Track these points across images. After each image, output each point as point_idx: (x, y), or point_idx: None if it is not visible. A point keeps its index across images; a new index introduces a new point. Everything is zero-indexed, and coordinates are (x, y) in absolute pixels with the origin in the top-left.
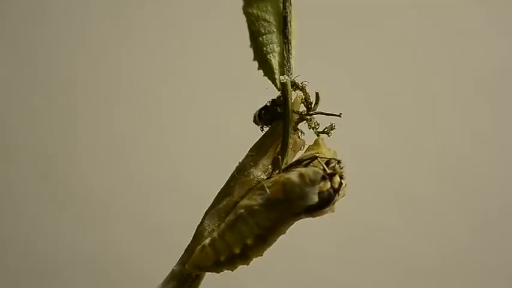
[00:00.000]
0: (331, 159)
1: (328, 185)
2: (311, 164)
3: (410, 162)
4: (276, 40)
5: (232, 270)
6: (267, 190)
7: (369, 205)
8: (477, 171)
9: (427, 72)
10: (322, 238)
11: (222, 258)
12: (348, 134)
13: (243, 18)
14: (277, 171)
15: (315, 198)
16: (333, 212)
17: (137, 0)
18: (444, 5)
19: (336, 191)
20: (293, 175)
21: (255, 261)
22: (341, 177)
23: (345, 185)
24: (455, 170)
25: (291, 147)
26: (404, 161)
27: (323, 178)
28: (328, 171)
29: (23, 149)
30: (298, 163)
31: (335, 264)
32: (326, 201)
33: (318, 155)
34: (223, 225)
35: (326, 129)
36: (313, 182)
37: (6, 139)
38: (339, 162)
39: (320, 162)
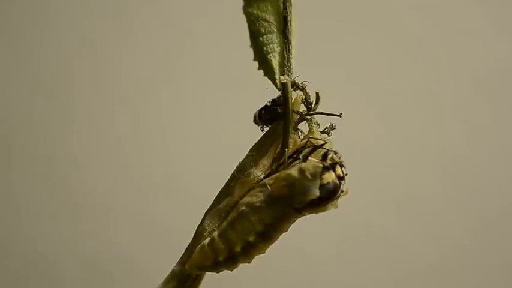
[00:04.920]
0: (328, 151)
1: (333, 175)
2: (310, 156)
3: (410, 162)
4: (276, 40)
5: (232, 270)
6: (269, 187)
7: (369, 205)
8: (477, 171)
9: (427, 72)
10: (321, 238)
11: (221, 258)
12: (348, 134)
13: (243, 18)
14: (281, 168)
15: (316, 192)
16: (336, 207)
17: (137, 0)
18: (444, 5)
19: (342, 178)
20: (293, 171)
21: (255, 261)
22: (341, 166)
23: (346, 174)
24: (455, 170)
25: (291, 147)
26: (404, 161)
27: (326, 169)
28: (328, 162)
29: (23, 149)
30: (297, 153)
31: (335, 264)
32: (332, 192)
33: (313, 141)
34: (224, 223)
35: (326, 129)
36: (314, 177)
37: (6, 139)
38: (335, 152)
39: (314, 144)
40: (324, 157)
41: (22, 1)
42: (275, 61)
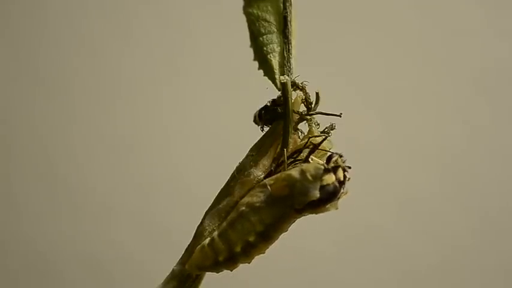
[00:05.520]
0: (333, 153)
1: (333, 177)
2: (313, 156)
3: (410, 162)
4: (276, 40)
5: (232, 270)
6: (269, 187)
7: (369, 205)
8: (477, 171)
9: (426, 72)
10: (321, 237)
11: (221, 258)
12: (348, 134)
13: (243, 18)
14: (281, 168)
15: (316, 194)
16: (337, 208)
17: (137, 0)
18: (444, 5)
19: (342, 182)
20: (294, 171)
21: (255, 260)
22: (344, 170)
23: (349, 178)
24: (455, 169)
25: (291, 147)
26: (404, 160)
27: (327, 171)
28: (331, 165)
29: (23, 149)
30: (297, 153)
31: (334, 264)
32: (332, 194)
33: (313, 142)
34: (224, 223)
35: (326, 129)
36: (314, 178)
37: (6, 139)
38: (341, 156)
39: (314, 144)
40: (329, 159)
41: (22, 1)
42: (275, 61)
